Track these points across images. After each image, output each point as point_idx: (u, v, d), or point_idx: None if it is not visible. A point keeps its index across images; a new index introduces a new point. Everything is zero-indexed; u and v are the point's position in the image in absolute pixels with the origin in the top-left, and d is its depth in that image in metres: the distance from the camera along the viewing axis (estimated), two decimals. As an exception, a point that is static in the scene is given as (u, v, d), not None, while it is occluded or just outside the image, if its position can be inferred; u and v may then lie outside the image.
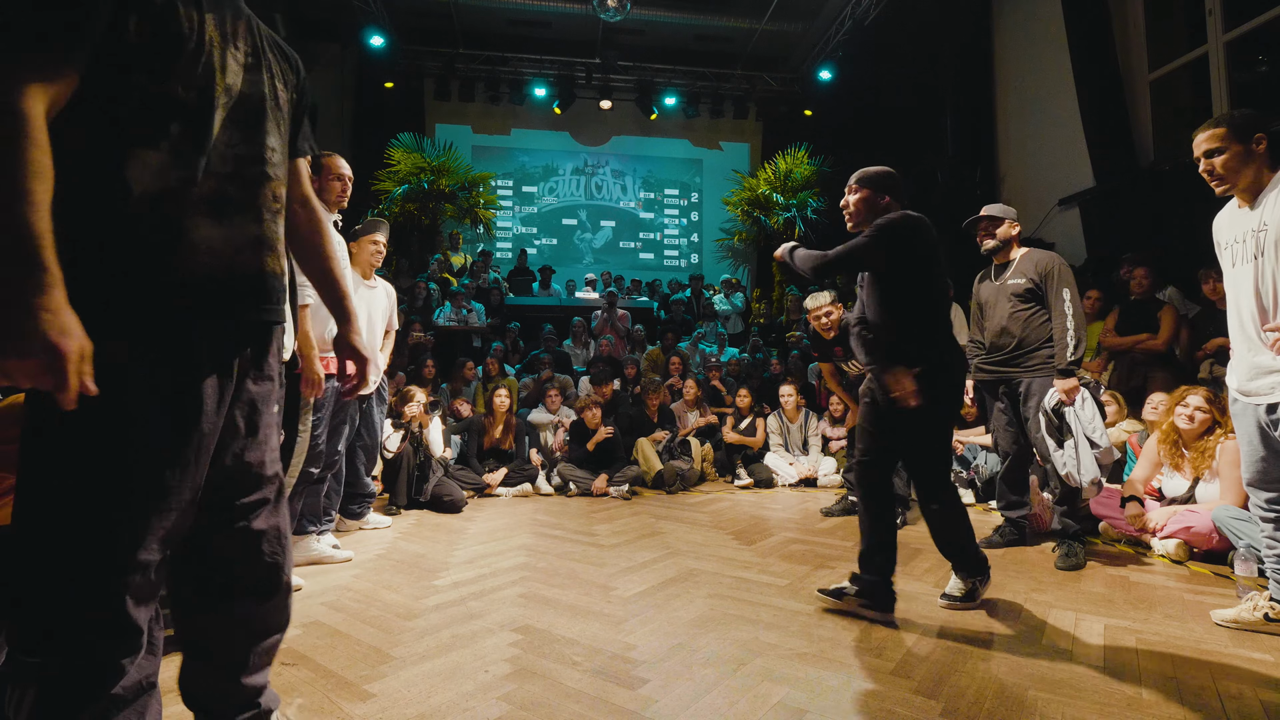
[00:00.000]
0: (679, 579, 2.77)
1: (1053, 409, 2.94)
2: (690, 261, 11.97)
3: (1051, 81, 6.83)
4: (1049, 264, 3.05)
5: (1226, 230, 2.16)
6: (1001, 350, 3.16)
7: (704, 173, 12.10)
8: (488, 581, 2.73)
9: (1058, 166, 6.83)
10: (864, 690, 1.74)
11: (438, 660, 1.93)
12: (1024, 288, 3.08)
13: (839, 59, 10.07)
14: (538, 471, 5.16)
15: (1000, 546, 3.23)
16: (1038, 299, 3.07)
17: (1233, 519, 2.64)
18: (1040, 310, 3.07)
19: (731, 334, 8.88)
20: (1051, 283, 3.00)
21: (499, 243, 11.34)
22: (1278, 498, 2.11)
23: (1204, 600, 2.47)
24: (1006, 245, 3.19)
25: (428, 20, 10.02)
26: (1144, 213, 5.64)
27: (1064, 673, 1.84)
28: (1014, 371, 3.13)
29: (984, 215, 3.22)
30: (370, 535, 3.59)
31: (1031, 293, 3.07)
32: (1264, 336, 2.00)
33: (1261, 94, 5.38)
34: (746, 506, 4.51)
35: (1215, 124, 2.09)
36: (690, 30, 10.47)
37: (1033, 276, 3.06)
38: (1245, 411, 2.12)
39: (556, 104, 10.90)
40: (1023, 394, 3.09)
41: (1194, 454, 3.13)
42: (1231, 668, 1.88)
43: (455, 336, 7.41)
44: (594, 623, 2.24)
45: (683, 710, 1.64)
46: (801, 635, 2.13)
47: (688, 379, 6.16)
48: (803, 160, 10.37)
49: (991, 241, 3.20)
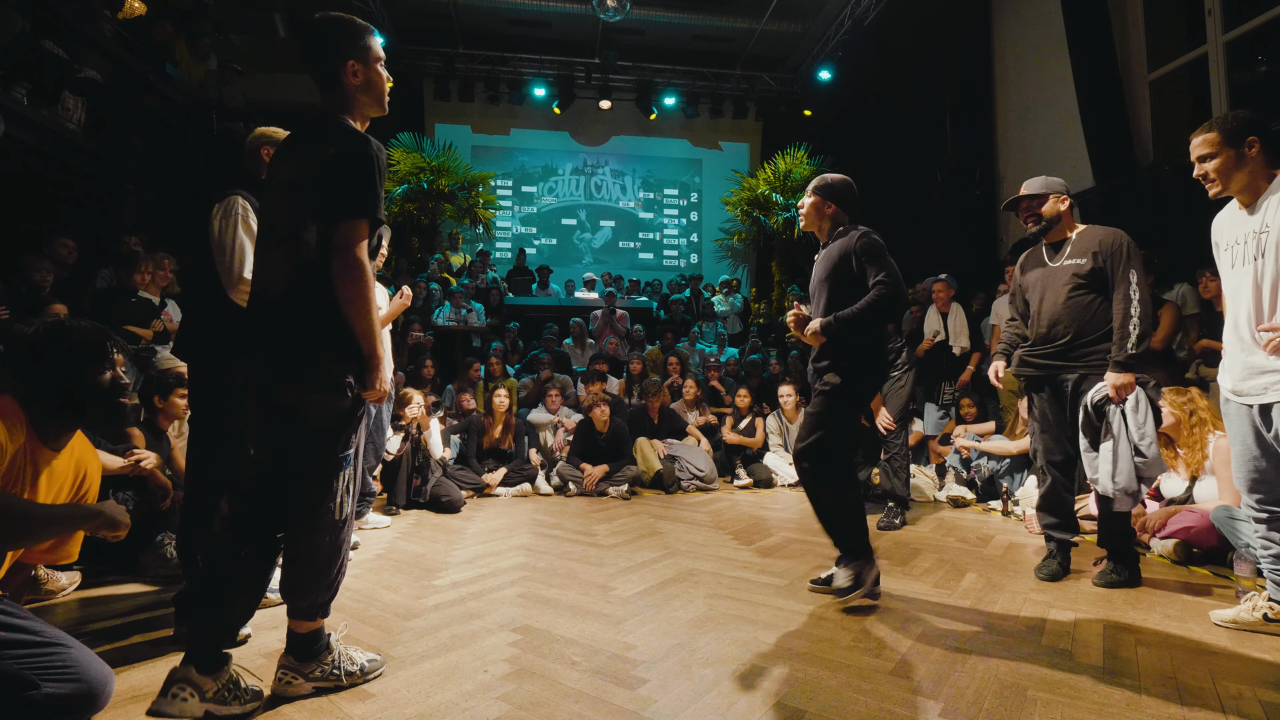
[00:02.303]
0: (678, 579, 2.77)
1: (1095, 405, 2.56)
2: (690, 261, 11.97)
3: (1051, 81, 6.83)
4: (1116, 241, 2.60)
5: (1227, 231, 2.16)
6: (1053, 342, 2.71)
7: (703, 173, 12.10)
8: (487, 581, 2.72)
9: (1058, 166, 6.80)
10: (863, 690, 1.74)
11: (437, 660, 1.93)
12: (1086, 269, 2.63)
13: (838, 59, 10.07)
14: (537, 471, 5.15)
15: (1046, 580, 2.74)
16: (1100, 283, 2.62)
17: (1231, 519, 2.64)
18: (1102, 297, 2.63)
19: (731, 334, 8.89)
20: (1119, 262, 2.56)
21: (498, 243, 11.34)
22: (1269, 498, 2.11)
23: (1203, 600, 2.47)
24: (1056, 222, 2.75)
25: (427, 20, 10.01)
26: (1144, 213, 5.64)
27: (1064, 673, 1.84)
28: (1068, 366, 2.68)
29: (1023, 195, 2.79)
30: (370, 535, 3.59)
31: (1095, 275, 2.62)
32: (1259, 337, 2.00)
33: (1261, 94, 5.37)
34: (746, 506, 4.51)
35: (1208, 129, 2.10)
36: (690, 30, 10.46)
37: (1097, 255, 2.61)
38: (1238, 412, 2.13)
39: (556, 104, 10.89)
40: (1078, 393, 2.65)
41: (1187, 451, 3.13)
42: (1231, 668, 1.87)
43: (455, 336, 7.40)
44: (593, 622, 2.24)
45: (682, 710, 1.63)
46: (801, 635, 2.13)
47: (687, 379, 6.16)
48: (802, 160, 10.38)
49: (1036, 223, 2.78)
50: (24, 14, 4.60)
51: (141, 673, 1.82)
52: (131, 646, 2.02)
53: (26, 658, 1.42)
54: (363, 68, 1.70)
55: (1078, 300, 2.67)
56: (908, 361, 4.09)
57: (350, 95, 1.70)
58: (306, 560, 1.68)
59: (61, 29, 5.07)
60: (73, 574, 2.64)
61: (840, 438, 2.49)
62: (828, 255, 2.57)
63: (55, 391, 1.61)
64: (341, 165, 1.59)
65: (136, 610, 2.37)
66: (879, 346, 2.56)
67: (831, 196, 2.61)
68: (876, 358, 2.56)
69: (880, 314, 2.42)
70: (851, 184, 2.64)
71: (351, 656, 1.77)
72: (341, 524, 1.69)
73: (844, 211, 2.61)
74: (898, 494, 3.93)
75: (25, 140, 4.69)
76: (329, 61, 1.67)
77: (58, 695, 1.43)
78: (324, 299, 1.59)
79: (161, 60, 6.18)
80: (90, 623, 2.24)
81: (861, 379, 2.49)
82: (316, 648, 1.72)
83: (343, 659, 1.75)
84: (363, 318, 1.59)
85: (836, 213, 2.61)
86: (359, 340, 1.60)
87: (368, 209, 1.58)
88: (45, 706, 1.41)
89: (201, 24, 7.01)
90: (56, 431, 1.64)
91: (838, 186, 2.62)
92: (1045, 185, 2.76)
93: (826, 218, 2.62)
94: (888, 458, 3.99)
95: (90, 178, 5.52)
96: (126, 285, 4.37)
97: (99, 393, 1.65)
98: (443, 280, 8.58)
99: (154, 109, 6.14)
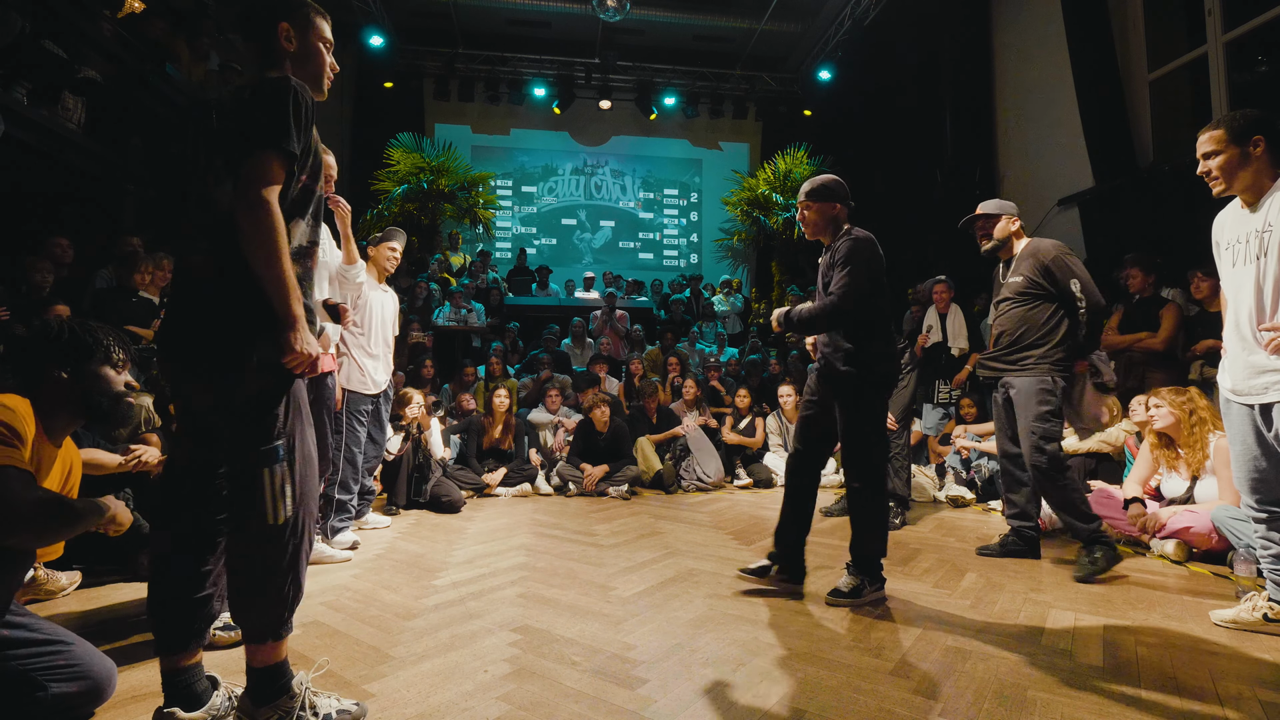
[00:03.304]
0: (678, 579, 2.76)
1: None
2: (689, 261, 11.97)
3: (1051, 81, 6.83)
4: (1047, 258, 2.90)
5: (1228, 230, 2.16)
6: (998, 348, 3.07)
7: (703, 173, 12.10)
8: (487, 581, 2.72)
9: (1057, 166, 6.82)
10: (863, 690, 1.74)
11: (437, 660, 1.93)
12: (1022, 286, 2.95)
13: (838, 59, 10.07)
14: (537, 471, 5.15)
15: (998, 556, 3.10)
16: (1039, 295, 2.92)
17: (1232, 519, 2.64)
18: (1038, 306, 2.92)
19: (730, 334, 8.89)
20: (1056, 277, 2.87)
21: (498, 243, 11.35)
22: (1267, 498, 2.11)
23: (1203, 600, 2.47)
24: (1007, 241, 3.06)
25: (427, 20, 10.02)
26: (1144, 213, 5.64)
27: (1064, 673, 1.84)
28: (1006, 369, 3.01)
29: (979, 214, 3.09)
30: (370, 535, 3.59)
31: (1032, 287, 2.92)
32: (1260, 336, 2.00)
33: (1261, 94, 5.37)
34: (746, 506, 4.51)
35: (1215, 126, 2.10)
36: (689, 30, 10.47)
37: (1031, 273, 2.92)
38: (1239, 412, 2.12)
39: (556, 104, 10.90)
40: (1013, 395, 2.98)
41: (1187, 451, 3.12)
42: (1231, 668, 1.87)
43: (455, 336, 7.40)
44: (593, 622, 2.24)
45: (682, 710, 1.63)
46: (801, 635, 2.13)
47: (687, 378, 6.16)
48: (802, 160, 10.38)
49: (989, 241, 3.08)
50: (24, 14, 4.59)
51: (141, 673, 1.82)
52: (131, 646, 2.02)
53: (31, 658, 1.42)
54: (298, 35, 1.58)
55: (1016, 312, 2.99)
56: (909, 362, 4.10)
57: (281, 63, 1.57)
58: (243, 570, 1.46)
59: (61, 29, 5.07)
60: (72, 574, 2.64)
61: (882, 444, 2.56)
62: (833, 259, 2.53)
63: (64, 390, 1.61)
64: (255, 100, 1.43)
65: (136, 610, 2.37)
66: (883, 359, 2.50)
67: (831, 198, 2.56)
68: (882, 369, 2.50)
69: (830, 322, 2.45)
70: (842, 181, 2.61)
71: (315, 705, 1.50)
72: (279, 530, 1.43)
73: (845, 209, 2.58)
74: (898, 494, 3.93)
75: (25, 140, 4.69)
76: (264, 23, 1.56)
77: (64, 694, 1.43)
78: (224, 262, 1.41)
79: (161, 60, 6.17)
80: (90, 622, 2.24)
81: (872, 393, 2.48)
82: (274, 688, 1.47)
83: (306, 707, 1.48)
84: (268, 265, 1.37)
85: (840, 211, 2.57)
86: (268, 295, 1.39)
87: (275, 140, 1.39)
88: (53, 706, 1.42)
89: (202, 24, 7.01)
90: (62, 429, 1.65)
91: (834, 187, 2.58)
92: (999, 207, 3.09)
93: (831, 219, 2.57)
94: (888, 457, 3.99)
95: (90, 178, 5.52)
96: (127, 285, 4.38)
97: (107, 393, 1.66)
98: (443, 280, 8.58)
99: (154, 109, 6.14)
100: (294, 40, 1.58)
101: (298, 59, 1.59)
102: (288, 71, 1.55)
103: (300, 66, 1.59)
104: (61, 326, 1.65)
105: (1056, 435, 2.86)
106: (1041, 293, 2.91)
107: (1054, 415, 2.85)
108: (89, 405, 1.64)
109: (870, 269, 2.42)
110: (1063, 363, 2.88)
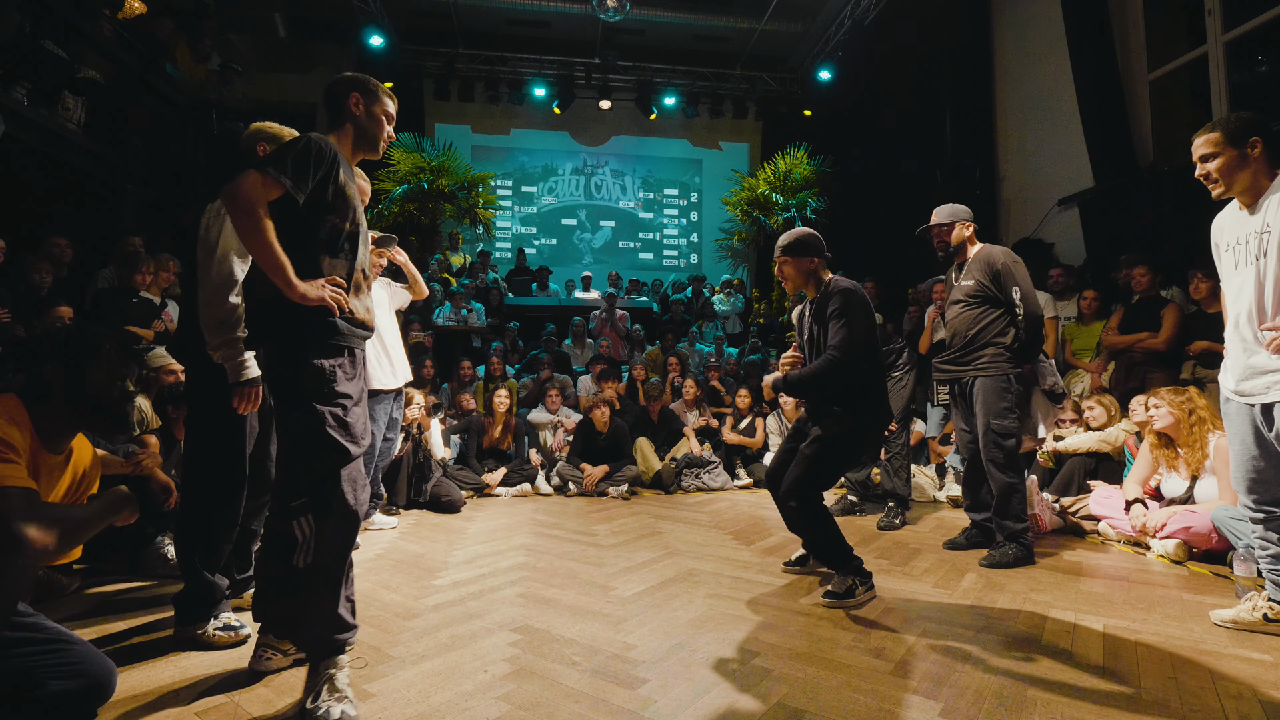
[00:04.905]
0: (678, 579, 2.77)
1: None
2: (690, 261, 11.97)
3: (1051, 81, 6.82)
4: (996, 264, 3.01)
5: (1228, 232, 2.16)
6: (951, 350, 3.17)
7: (703, 173, 12.10)
8: (487, 581, 2.72)
9: (1057, 166, 6.82)
10: (863, 690, 1.74)
11: (437, 660, 1.93)
12: (974, 288, 3.06)
13: (838, 59, 10.06)
14: (537, 471, 5.15)
15: (964, 549, 3.21)
16: (988, 299, 3.04)
17: (1232, 519, 2.64)
18: (989, 310, 3.04)
19: (731, 334, 8.89)
20: (1002, 282, 2.99)
21: (498, 243, 11.34)
22: (1264, 498, 2.11)
23: (1203, 600, 2.47)
24: (962, 247, 3.17)
25: (427, 20, 10.01)
26: (1143, 213, 5.64)
27: (1064, 673, 1.84)
28: (962, 371, 3.11)
29: (933, 224, 3.19)
30: (370, 535, 3.59)
31: (982, 290, 3.04)
32: (1261, 336, 2.00)
33: (1261, 94, 5.37)
34: (746, 506, 4.51)
35: (1211, 129, 2.10)
36: (689, 30, 10.46)
37: (981, 277, 3.03)
38: (1239, 412, 2.12)
39: (556, 104, 10.89)
40: (970, 395, 3.08)
41: (1187, 450, 3.12)
42: (1231, 668, 1.87)
43: (455, 336, 7.40)
44: (593, 622, 2.24)
45: (682, 710, 1.63)
46: (801, 635, 2.13)
47: (687, 379, 6.16)
48: (802, 160, 10.37)
49: (944, 249, 3.20)
50: (24, 14, 4.60)
51: (141, 673, 1.82)
52: (132, 647, 2.02)
53: (32, 655, 1.43)
54: (365, 104, 1.88)
55: (968, 314, 3.09)
56: (909, 361, 4.10)
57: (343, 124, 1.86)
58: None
59: (61, 29, 5.07)
60: (73, 574, 2.64)
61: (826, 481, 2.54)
62: (818, 311, 2.55)
63: (61, 395, 1.60)
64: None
65: (136, 610, 2.37)
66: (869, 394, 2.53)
67: (808, 252, 2.59)
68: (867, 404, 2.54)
69: (830, 379, 2.45)
70: (816, 234, 2.64)
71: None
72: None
73: (823, 261, 2.61)
74: (898, 494, 3.93)
75: (25, 140, 4.69)
76: (339, 93, 1.87)
77: (63, 692, 1.44)
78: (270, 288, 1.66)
79: (161, 60, 6.18)
80: (91, 622, 2.24)
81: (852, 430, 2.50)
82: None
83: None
84: (257, 253, 1.61)
85: (818, 264, 2.60)
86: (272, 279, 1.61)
87: (261, 163, 1.64)
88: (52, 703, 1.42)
89: (202, 24, 7.01)
90: (59, 435, 1.63)
91: (810, 241, 2.60)
92: (952, 214, 3.17)
93: (810, 273, 2.60)
94: (888, 457, 4.00)
95: (90, 178, 5.52)
96: (128, 285, 4.37)
97: (106, 398, 1.65)
98: (443, 280, 8.58)
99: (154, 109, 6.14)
100: (361, 107, 1.88)
101: (360, 122, 1.88)
102: (348, 133, 1.87)
103: (361, 129, 1.89)
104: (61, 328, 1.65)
105: (1015, 432, 2.99)
106: (991, 295, 3.03)
107: (1012, 413, 2.98)
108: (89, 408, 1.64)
109: (864, 319, 2.45)
110: (1014, 363, 3.01)
